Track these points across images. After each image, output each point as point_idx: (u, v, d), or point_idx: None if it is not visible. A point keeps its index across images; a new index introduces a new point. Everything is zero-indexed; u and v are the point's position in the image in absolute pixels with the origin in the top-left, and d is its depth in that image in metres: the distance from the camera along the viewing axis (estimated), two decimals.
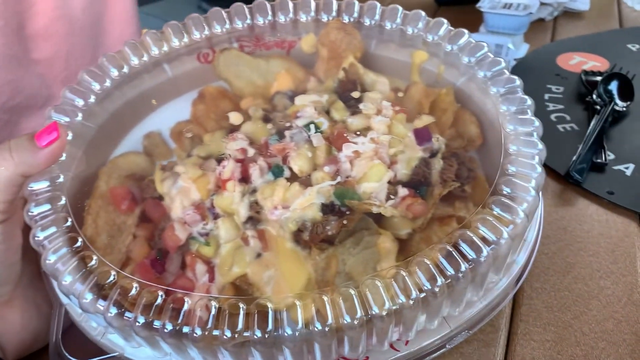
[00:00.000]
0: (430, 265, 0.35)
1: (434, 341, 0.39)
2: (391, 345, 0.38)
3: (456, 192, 0.42)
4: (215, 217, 0.40)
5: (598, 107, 0.65)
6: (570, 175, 0.57)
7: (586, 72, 0.73)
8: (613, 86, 0.68)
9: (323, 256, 0.38)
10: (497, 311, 0.41)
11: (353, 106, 0.44)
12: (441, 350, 0.40)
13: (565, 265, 0.49)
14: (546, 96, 0.71)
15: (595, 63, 0.77)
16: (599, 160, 0.58)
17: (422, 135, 0.42)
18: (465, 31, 0.46)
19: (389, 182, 0.40)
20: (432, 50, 0.48)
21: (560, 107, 0.68)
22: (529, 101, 0.42)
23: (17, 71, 0.56)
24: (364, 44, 0.49)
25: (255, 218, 0.39)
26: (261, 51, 0.50)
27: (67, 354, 0.38)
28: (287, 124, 0.42)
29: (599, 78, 0.69)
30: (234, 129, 0.45)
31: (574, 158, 0.58)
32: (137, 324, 0.34)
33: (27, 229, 0.41)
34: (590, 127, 0.62)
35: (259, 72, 0.49)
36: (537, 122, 0.41)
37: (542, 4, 0.87)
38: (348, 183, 0.40)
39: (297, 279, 0.38)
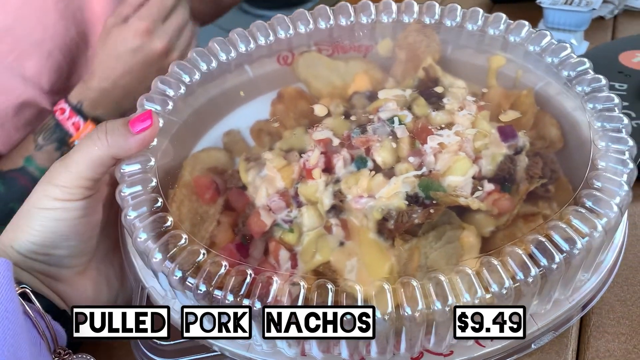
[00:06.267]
0: (523, 255, 0.34)
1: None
2: (476, 341, 0.37)
3: (540, 192, 0.42)
4: (299, 205, 0.40)
5: None
6: None
7: None
8: None
9: (406, 247, 0.38)
10: (585, 312, 0.40)
11: (434, 103, 0.44)
12: (526, 351, 0.39)
13: (637, 260, 0.47)
14: None
15: None
16: None
17: (506, 132, 0.42)
18: (548, 32, 0.46)
19: (473, 177, 0.40)
20: (512, 53, 0.48)
21: (625, 104, 0.66)
22: (616, 99, 0.41)
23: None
24: (441, 48, 0.50)
25: (338, 207, 0.39)
26: (339, 55, 0.51)
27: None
28: (370, 117, 0.43)
29: None
30: (314, 124, 0.46)
31: None
32: (226, 301, 0.34)
33: (106, 206, 0.42)
34: None
35: (337, 74, 0.49)
36: (625, 120, 0.40)
37: (603, 1, 0.84)
38: (433, 175, 0.40)
39: (380, 269, 0.38)
